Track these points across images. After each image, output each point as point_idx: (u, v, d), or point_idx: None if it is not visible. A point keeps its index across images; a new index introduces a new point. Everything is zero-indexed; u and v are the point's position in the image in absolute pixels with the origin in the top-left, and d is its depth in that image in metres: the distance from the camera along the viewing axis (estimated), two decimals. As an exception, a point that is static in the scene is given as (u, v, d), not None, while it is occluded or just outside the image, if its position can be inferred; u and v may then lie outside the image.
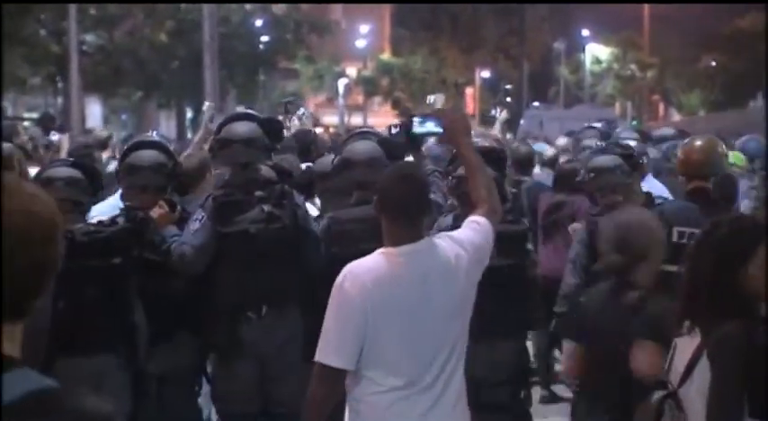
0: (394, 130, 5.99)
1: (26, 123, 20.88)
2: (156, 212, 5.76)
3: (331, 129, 28.62)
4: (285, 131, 7.21)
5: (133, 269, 5.53)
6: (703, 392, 3.47)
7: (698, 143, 6.15)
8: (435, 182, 6.16)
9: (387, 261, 3.88)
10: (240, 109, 27.15)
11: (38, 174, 5.81)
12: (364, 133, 6.86)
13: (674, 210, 5.88)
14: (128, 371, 5.51)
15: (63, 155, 9.16)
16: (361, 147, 6.10)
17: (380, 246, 4.44)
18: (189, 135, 27.47)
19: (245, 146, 5.85)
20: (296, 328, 5.78)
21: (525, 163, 9.49)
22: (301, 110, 9.01)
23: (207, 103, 8.61)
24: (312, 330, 4.61)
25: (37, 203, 1.89)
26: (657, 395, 3.71)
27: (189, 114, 35.72)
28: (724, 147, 6.64)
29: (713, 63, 46.37)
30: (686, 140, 6.62)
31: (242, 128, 5.97)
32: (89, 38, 33.19)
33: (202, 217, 5.76)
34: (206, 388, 6.19)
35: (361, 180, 5.84)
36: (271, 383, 5.88)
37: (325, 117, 39.28)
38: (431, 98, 7.59)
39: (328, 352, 3.86)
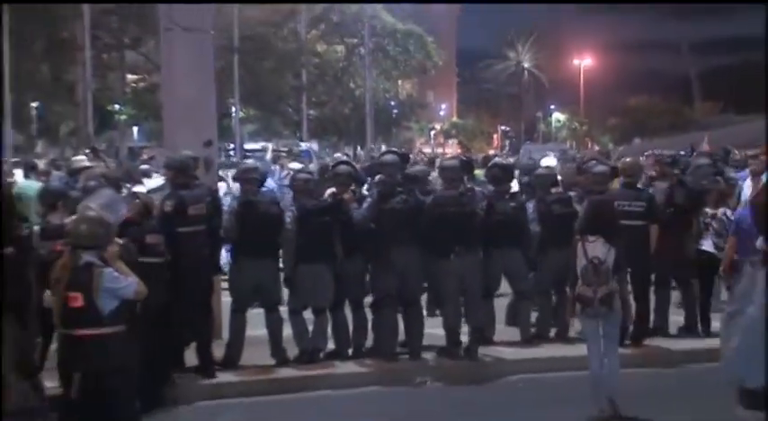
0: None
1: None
2: (346, 197, 10.15)
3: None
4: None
5: (336, 224, 10.00)
6: None
7: None
8: None
9: None
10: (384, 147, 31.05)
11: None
12: (453, 157, 11.72)
13: None
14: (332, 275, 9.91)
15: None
16: (452, 161, 10.90)
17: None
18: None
19: (391, 167, 10.27)
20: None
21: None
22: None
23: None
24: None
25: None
26: None
27: (359, 150, 47.84)
28: None
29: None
30: None
31: (390, 157, 10.54)
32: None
33: (371, 199, 10.09)
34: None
35: (452, 177, 10.31)
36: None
37: (424, 148, 63.56)
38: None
39: None
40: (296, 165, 13.09)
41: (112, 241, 6.55)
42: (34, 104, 41.29)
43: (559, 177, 11.48)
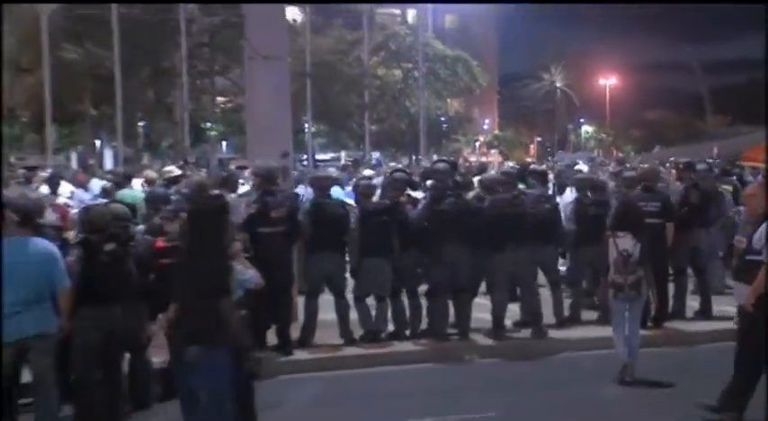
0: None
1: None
2: (402, 199, 10.19)
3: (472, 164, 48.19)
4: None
5: (393, 223, 9.97)
6: None
7: None
8: None
9: None
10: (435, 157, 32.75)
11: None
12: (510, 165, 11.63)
13: None
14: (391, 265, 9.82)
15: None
16: (509, 169, 11.10)
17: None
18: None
19: (443, 174, 10.29)
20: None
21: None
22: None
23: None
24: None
25: None
26: None
27: (414, 157, 47.78)
28: None
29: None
30: None
31: (442, 164, 10.60)
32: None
33: (425, 202, 10.06)
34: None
35: (503, 180, 10.34)
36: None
37: (470, 157, 63.92)
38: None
39: None
40: (369, 172, 13.00)
41: (235, 239, 6.51)
42: (141, 123, 42.07)
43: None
